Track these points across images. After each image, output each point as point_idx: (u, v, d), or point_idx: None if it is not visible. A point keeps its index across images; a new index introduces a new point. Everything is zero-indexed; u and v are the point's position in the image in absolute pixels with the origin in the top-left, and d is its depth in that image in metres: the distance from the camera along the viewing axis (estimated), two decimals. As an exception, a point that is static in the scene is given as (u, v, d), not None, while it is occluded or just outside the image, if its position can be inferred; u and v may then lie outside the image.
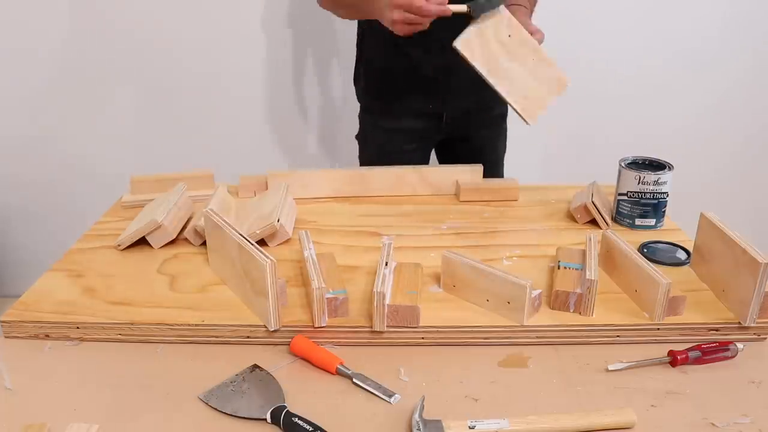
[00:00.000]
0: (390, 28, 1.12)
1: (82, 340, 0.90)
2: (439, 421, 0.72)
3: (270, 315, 0.85)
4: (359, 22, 1.52)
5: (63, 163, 2.19)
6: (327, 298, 0.87)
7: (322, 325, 0.88)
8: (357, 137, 1.62)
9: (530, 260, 1.08)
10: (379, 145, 1.56)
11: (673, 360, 0.83)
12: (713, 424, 0.74)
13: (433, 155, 1.64)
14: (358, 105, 1.59)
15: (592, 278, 0.88)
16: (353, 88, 1.60)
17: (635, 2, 2.03)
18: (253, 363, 0.84)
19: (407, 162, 1.40)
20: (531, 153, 2.12)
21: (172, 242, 1.12)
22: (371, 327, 0.87)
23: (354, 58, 1.57)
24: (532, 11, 1.38)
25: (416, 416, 0.72)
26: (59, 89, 2.09)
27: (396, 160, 1.41)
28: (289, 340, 0.87)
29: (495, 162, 1.61)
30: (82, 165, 2.19)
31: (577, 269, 0.96)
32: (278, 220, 1.09)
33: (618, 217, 1.21)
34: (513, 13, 1.16)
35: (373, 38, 1.47)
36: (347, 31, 1.61)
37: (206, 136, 2.17)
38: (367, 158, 1.59)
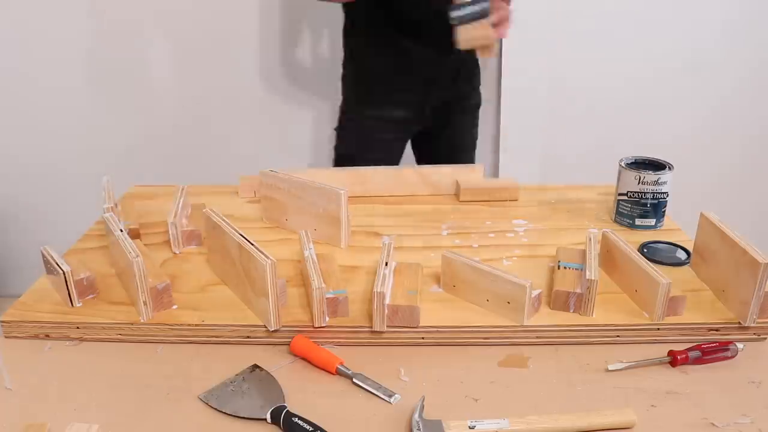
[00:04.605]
0: None
1: (82, 340, 0.90)
2: (439, 421, 0.72)
3: (270, 315, 0.85)
4: (346, 17, 1.54)
5: (63, 163, 2.19)
6: (327, 298, 0.87)
7: (322, 325, 0.88)
8: (336, 129, 1.64)
9: (530, 260, 1.08)
10: (360, 134, 1.58)
11: (673, 360, 0.83)
12: (713, 424, 0.74)
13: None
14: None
15: (592, 278, 0.88)
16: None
17: (637, 4, 2.03)
18: (253, 363, 0.84)
19: (386, 151, 1.42)
20: (531, 153, 2.12)
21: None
22: (371, 327, 0.87)
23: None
24: None
25: (416, 416, 0.72)
26: (60, 90, 2.09)
27: (376, 150, 1.42)
28: (289, 340, 0.87)
29: (468, 149, 1.69)
30: (82, 165, 2.19)
31: (577, 269, 0.96)
32: None
33: (618, 217, 1.21)
34: None
35: (361, 29, 1.50)
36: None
37: (206, 136, 2.17)
38: (346, 148, 1.61)
